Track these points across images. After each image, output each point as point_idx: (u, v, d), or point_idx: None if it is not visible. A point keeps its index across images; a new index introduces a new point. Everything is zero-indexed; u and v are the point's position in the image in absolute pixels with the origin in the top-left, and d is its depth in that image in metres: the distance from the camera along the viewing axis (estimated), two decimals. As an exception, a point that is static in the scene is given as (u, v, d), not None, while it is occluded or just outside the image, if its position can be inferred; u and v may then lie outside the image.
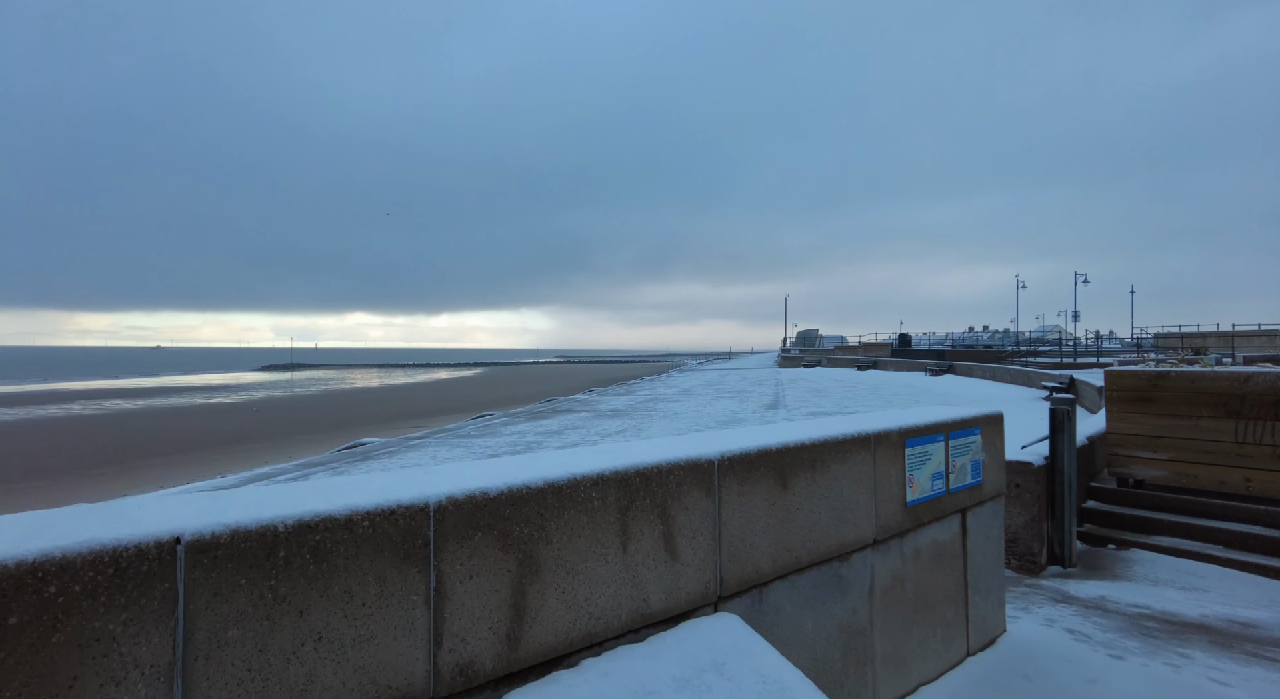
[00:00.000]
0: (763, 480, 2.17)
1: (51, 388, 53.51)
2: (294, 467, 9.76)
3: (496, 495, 1.54)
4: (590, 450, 2.02)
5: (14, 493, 13.35)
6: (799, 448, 2.30)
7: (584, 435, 12.33)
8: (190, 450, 20.01)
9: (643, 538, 1.82)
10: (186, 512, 1.25)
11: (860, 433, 2.57)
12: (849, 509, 2.50)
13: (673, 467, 1.91)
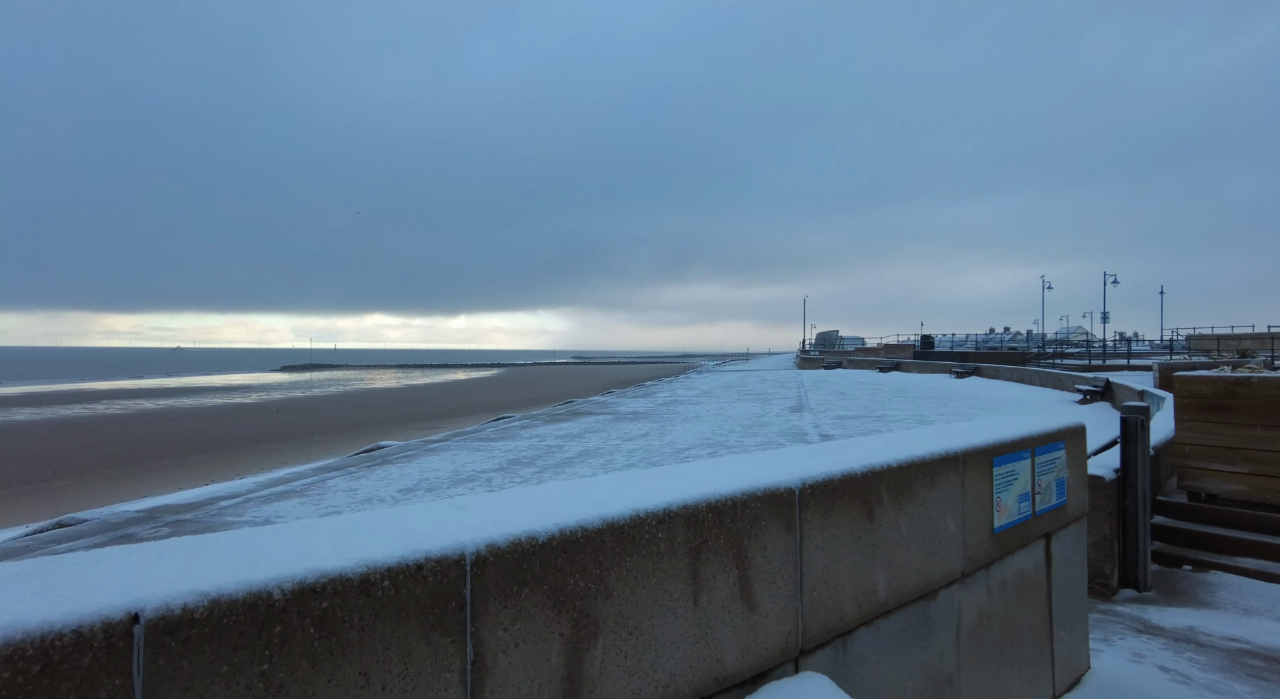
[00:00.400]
0: (847, 511, 1.86)
1: (77, 388, 54.21)
2: (312, 471, 9.56)
3: (547, 541, 1.24)
4: (649, 475, 1.72)
5: (35, 494, 13.31)
6: (885, 472, 1.98)
7: (605, 439, 12.04)
8: (210, 451, 19.98)
9: (716, 585, 1.52)
10: (156, 574, 0.96)
11: (948, 452, 2.24)
12: (937, 540, 2.18)
13: (749, 498, 1.60)
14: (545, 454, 10.47)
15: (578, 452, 10.62)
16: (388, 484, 8.33)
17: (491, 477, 8.66)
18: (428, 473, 9.04)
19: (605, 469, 9.03)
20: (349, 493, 7.88)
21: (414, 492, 7.84)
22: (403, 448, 11.67)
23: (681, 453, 10.29)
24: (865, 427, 13.27)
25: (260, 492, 8.02)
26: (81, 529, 6.28)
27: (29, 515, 10.82)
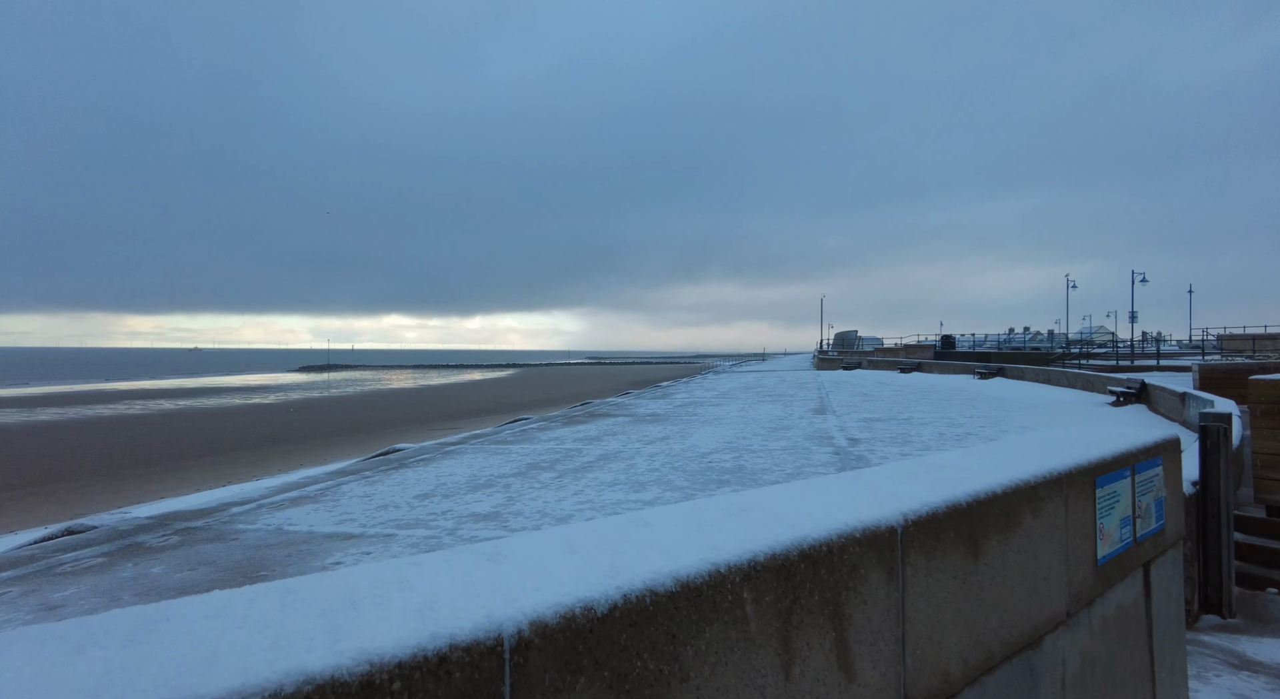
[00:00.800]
0: (952, 550, 1.54)
1: (100, 388, 54.78)
2: (327, 475, 9.35)
3: (608, 611, 0.94)
4: (717, 507, 1.41)
5: (54, 494, 13.24)
6: (990, 500, 1.66)
7: (625, 442, 11.75)
8: (228, 451, 19.93)
9: (810, 653, 1.21)
10: (66, 680, 0.67)
11: (1052, 473, 1.92)
12: (1041, 577, 1.86)
13: (846, 541, 1.29)
14: (564, 458, 10.19)
15: (598, 455, 10.34)
16: (404, 490, 8.09)
17: (510, 482, 8.40)
18: (444, 477, 8.80)
19: (627, 474, 8.74)
20: (364, 499, 7.65)
21: (431, 497, 7.59)
22: (419, 451, 11.45)
23: (705, 457, 9.98)
24: (893, 430, 12.88)
25: (273, 497, 7.81)
26: (90, 537, 6.08)
27: (46, 517, 10.69)
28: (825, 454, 10.17)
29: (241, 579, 4.85)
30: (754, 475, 8.53)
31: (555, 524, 6.27)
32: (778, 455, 10.07)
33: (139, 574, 4.98)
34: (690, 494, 7.46)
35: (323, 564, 5.17)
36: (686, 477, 8.49)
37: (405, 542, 5.82)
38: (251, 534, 6.10)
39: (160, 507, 8.48)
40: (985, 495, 1.65)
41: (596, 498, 7.36)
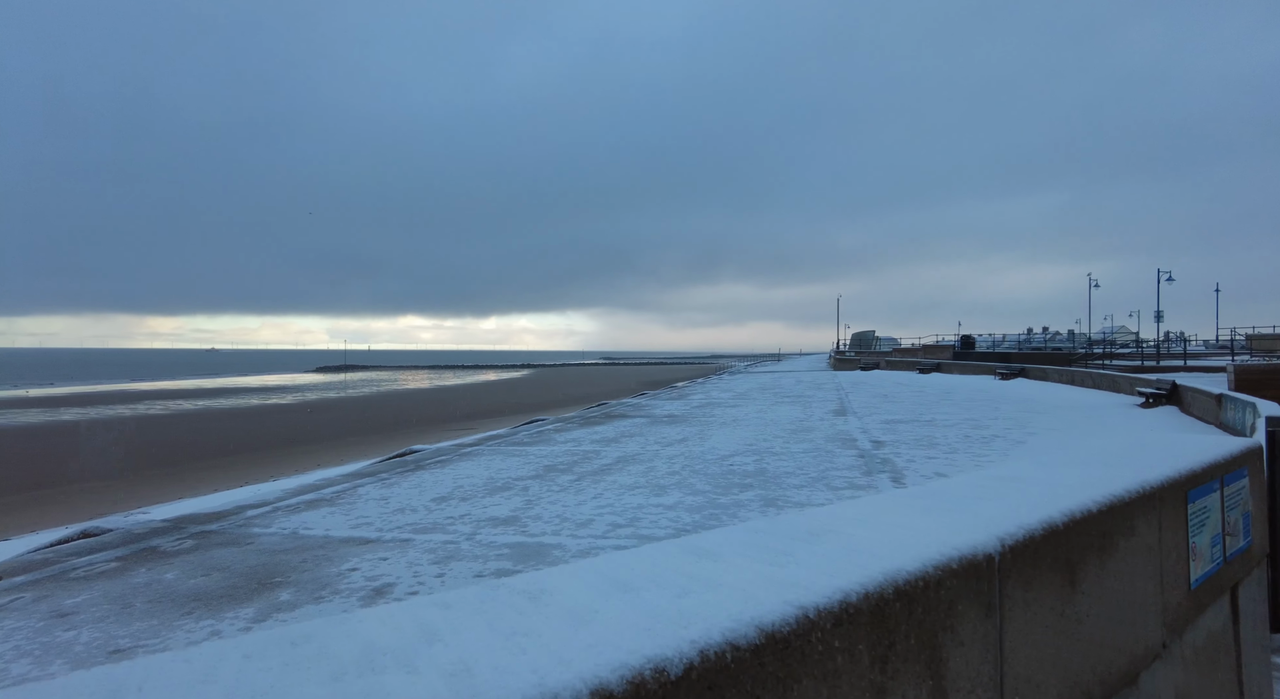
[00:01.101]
0: (1050, 578, 1.35)
1: (122, 388, 55.40)
2: (343, 476, 9.25)
3: (683, 673, 0.76)
4: (784, 529, 1.23)
5: (74, 494, 13.28)
6: (1086, 520, 1.46)
7: (643, 444, 11.57)
8: (246, 452, 19.97)
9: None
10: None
11: (1144, 487, 1.71)
12: (1136, 605, 1.66)
13: (942, 574, 1.10)
14: (582, 460, 10.03)
15: (616, 457, 10.17)
16: (420, 492, 7.96)
17: (528, 485, 8.24)
18: (461, 480, 8.66)
19: (646, 477, 8.56)
20: (380, 501, 7.53)
21: (448, 501, 7.45)
22: (436, 452, 11.33)
23: (725, 460, 9.77)
24: (916, 432, 12.60)
25: (289, 500, 7.70)
26: (105, 540, 5.99)
27: (67, 517, 10.68)
28: (849, 457, 9.93)
29: (255, 585, 4.72)
30: (777, 479, 8.32)
31: (576, 528, 6.10)
32: (800, 458, 9.84)
33: (152, 580, 4.87)
34: (712, 498, 7.27)
35: (338, 571, 5.03)
36: (708, 480, 8.29)
37: (423, 547, 5.67)
38: (267, 538, 5.98)
39: (176, 508, 8.42)
40: (1081, 514, 1.45)
41: (616, 502, 7.19)
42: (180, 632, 3.93)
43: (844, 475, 8.53)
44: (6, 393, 49.50)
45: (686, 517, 6.49)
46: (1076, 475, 1.80)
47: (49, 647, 3.77)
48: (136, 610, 4.27)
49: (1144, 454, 2.18)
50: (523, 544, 5.68)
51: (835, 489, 7.73)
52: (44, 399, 42.97)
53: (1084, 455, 2.16)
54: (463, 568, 5.07)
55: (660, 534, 5.89)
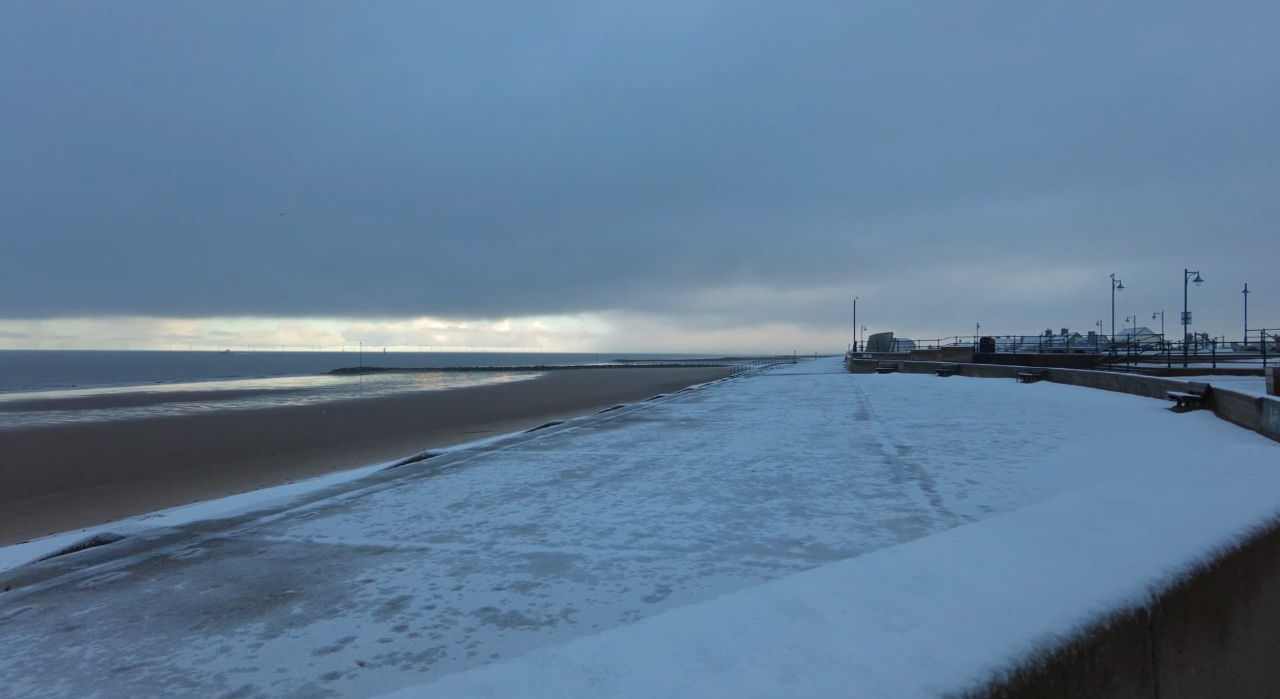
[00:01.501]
0: (1201, 632, 1.12)
1: (141, 390, 55.93)
2: (357, 481, 9.10)
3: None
4: (881, 568, 1.02)
5: (89, 497, 13.25)
6: (1232, 558, 1.23)
7: (661, 449, 11.35)
8: (261, 454, 19.93)
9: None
10: None
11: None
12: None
13: (1096, 638, 0.88)
14: (600, 465, 9.83)
15: (634, 463, 9.96)
16: (436, 499, 7.79)
17: (546, 491, 8.05)
18: (478, 485, 8.49)
19: (667, 483, 8.34)
20: (396, 508, 7.36)
21: (464, 508, 7.28)
22: (451, 456, 11.18)
23: (747, 465, 9.53)
24: (942, 437, 12.29)
25: (304, 506, 7.56)
26: (116, 548, 5.86)
27: (83, 519, 10.62)
28: (875, 463, 9.66)
29: (267, 598, 4.55)
30: (802, 486, 8.07)
31: (597, 538, 5.90)
32: (825, 464, 9.59)
33: (162, 591, 4.72)
34: (736, 506, 7.04)
35: (353, 582, 4.86)
36: (730, 487, 8.06)
37: (439, 557, 5.49)
38: (279, 547, 5.82)
39: (190, 513, 8.31)
40: (1225, 552, 1.22)
41: (638, 510, 6.98)
42: (189, 648, 3.77)
43: (872, 482, 8.27)
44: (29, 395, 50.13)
45: (711, 526, 6.26)
46: (1190, 498, 1.56)
47: (53, 664, 3.62)
48: (144, 624, 4.11)
49: (1248, 469, 1.94)
50: (542, 555, 5.48)
51: (864, 497, 7.47)
52: (64, 401, 43.43)
53: (1184, 471, 1.92)
54: (481, 580, 4.88)
55: (685, 545, 5.67)
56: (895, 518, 6.54)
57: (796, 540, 5.80)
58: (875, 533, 6.01)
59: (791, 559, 5.27)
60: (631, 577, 4.90)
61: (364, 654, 3.67)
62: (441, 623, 4.10)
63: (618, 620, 4.13)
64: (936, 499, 7.34)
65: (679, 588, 4.65)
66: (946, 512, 6.78)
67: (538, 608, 4.32)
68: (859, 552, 5.37)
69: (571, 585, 4.73)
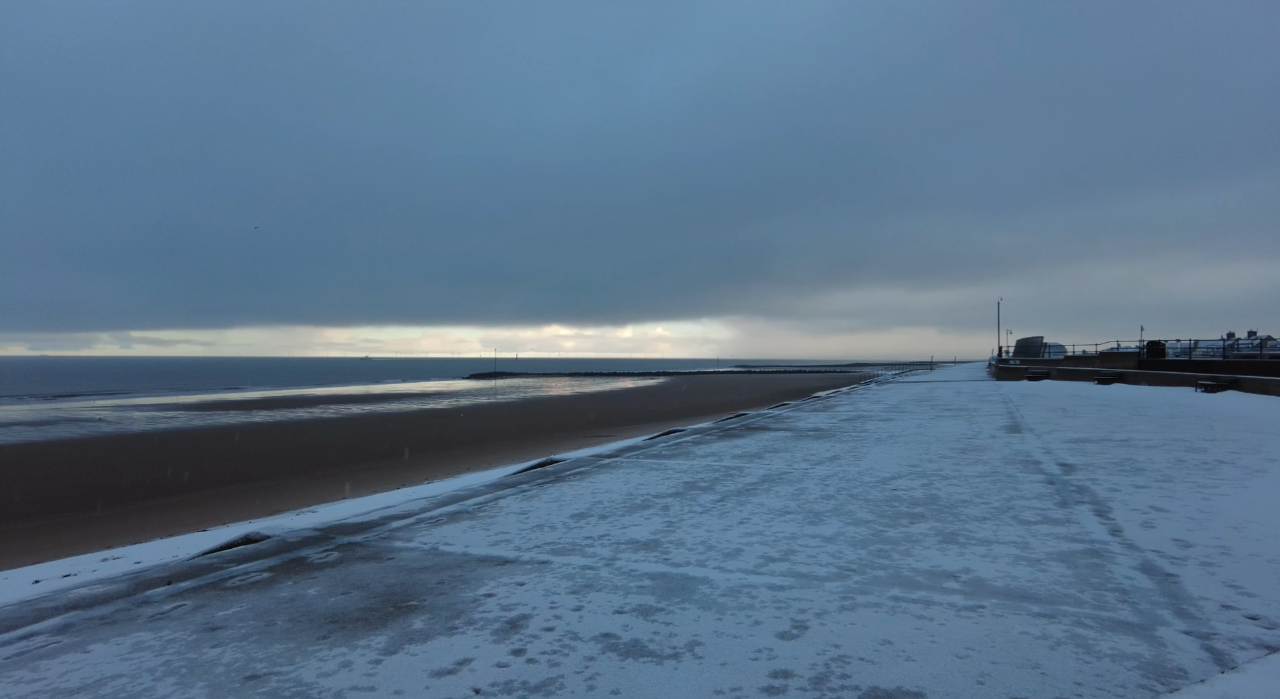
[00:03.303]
0: None
1: (299, 393, 61.42)
2: (485, 486, 9.23)
3: None
4: None
5: (251, 493, 14.43)
6: None
7: (789, 461, 10.76)
8: (400, 456, 21.05)
9: None
10: None
11: None
12: None
13: None
14: (724, 477, 9.42)
15: (761, 475, 9.46)
16: (560, 507, 7.69)
17: (668, 503, 7.75)
18: (600, 495, 8.33)
19: (797, 500, 7.79)
20: (520, 516, 7.32)
21: (586, 518, 7.11)
22: (575, 463, 11.15)
23: (887, 483, 8.78)
24: (1112, 455, 10.87)
25: (433, 511, 7.69)
26: (261, 548, 6.14)
27: (247, 513, 11.49)
28: (1035, 483, 8.61)
29: (391, 609, 4.52)
30: (952, 509, 7.27)
31: (723, 559, 5.50)
32: (976, 483, 8.65)
33: (296, 595, 4.82)
34: (878, 530, 6.40)
35: (474, 596, 4.75)
36: (869, 507, 7.40)
37: (560, 571, 5.31)
38: (407, 554, 5.87)
39: (332, 512, 8.69)
40: None
41: (766, 529, 6.51)
42: (314, 659, 3.75)
43: (1033, 506, 7.32)
44: (213, 397, 56.39)
45: (850, 552, 5.69)
46: None
47: (195, 665, 3.71)
48: (277, 630, 4.17)
49: None
50: (665, 575, 5.16)
51: (1026, 523, 6.59)
52: (239, 402, 48.42)
53: None
54: (602, 601, 4.63)
55: (821, 573, 5.15)
56: (1067, 550, 5.68)
57: (951, 573, 5.13)
58: (1045, 567, 5.22)
59: (948, 596, 4.64)
60: (763, 607, 4.47)
61: (480, 679, 3.50)
62: (560, 649, 3.87)
63: (749, 659, 3.73)
64: (1116, 529, 6.35)
65: (817, 624, 4.18)
66: (1131, 545, 5.82)
67: (661, 638, 4.00)
68: (1028, 590, 4.65)
69: (697, 613, 4.38)
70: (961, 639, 3.92)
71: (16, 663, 3.83)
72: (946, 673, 3.50)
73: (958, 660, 3.65)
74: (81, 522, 12.29)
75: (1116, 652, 3.72)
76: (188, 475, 17.11)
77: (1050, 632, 4.00)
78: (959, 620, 4.21)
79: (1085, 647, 3.79)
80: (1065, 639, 3.89)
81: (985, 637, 3.95)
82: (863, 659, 3.69)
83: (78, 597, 4.92)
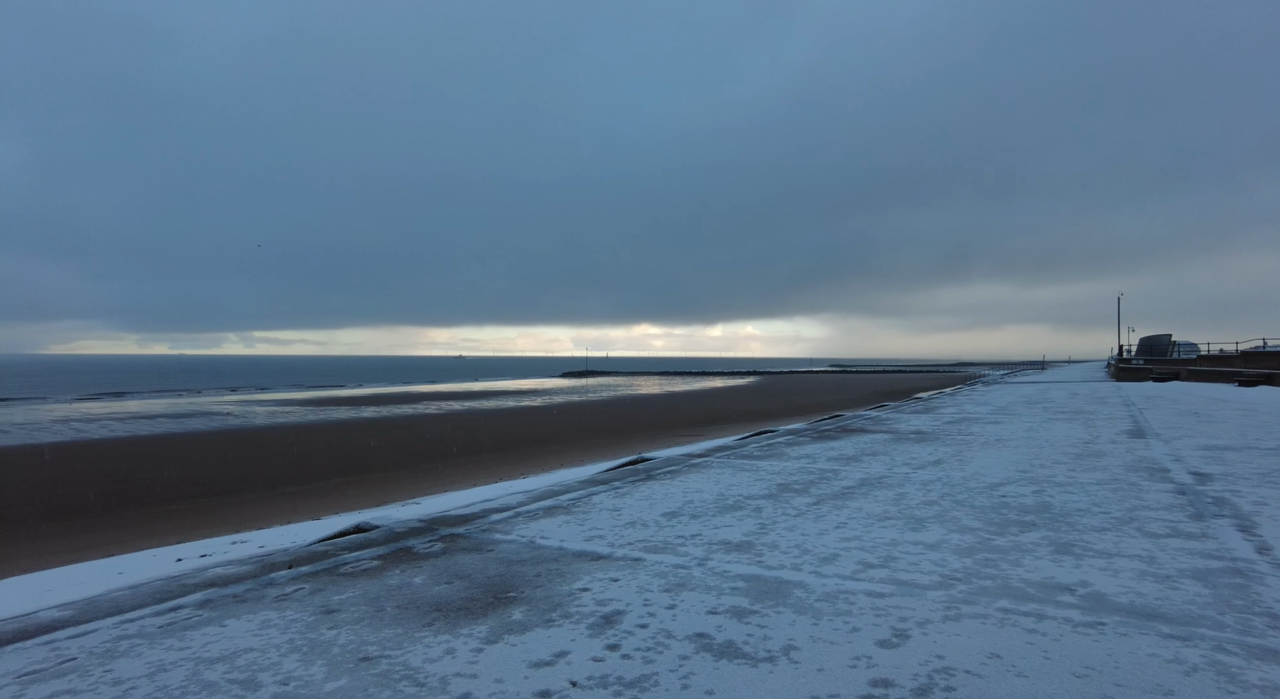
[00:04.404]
0: None
1: (405, 390, 64.59)
2: (578, 482, 9.40)
3: None
4: None
5: (367, 484, 15.31)
6: None
7: (889, 465, 10.38)
8: (498, 450, 21.76)
9: None
10: None
11: None
12: None
13: None
14: (819, 480, 9.20)
15: (858, 479, 9.18)
16: (651, 505, 7.74)
17: (761, 505, 7.65)
18: (691, 494, 8.32)
19: (897, 505, 7.52)
20: (613, 513, 7.42)
21: (678, 517, 7.12)
22: (665, 462, 11.18)
23: (995, 489, 8.33)
24: (1257, 464, 9.88)
25: (530, 505, 7.91)
26: (371, 537, 6.50)
27: (358, 503, 12.20)
28: (1163, 493, 7.94)
29: (491, 599, 4.69)
30: (1067, 518, 6.82)
31: (819, 564, 5.38)
32: (1094, 492, 8.07)
33: (403, 583, 5.07)
34: (985, 538, 6.08)
35: (569, 590, 4.86)
36: (975, 514, 7.04)
37: (653, 569, 5.34)
38: (506, 547, 6.07)
39: (436, 504, 9.09)
40: None
41: (864, 534, 6.31)
42: (420, 645, 3.94)
43: (1161, 518, 6.76)
44: (325, 393, 60.22)
45: (955, 560, 5.44)
46: None
47: (315, 645, 3.96)
48: (386, 616, 4.40)
49: None
50: (759, 577, 5.09)
51: (1153, 536, 6.09)
52: (349, 398, 51.47)
53: None
54: (695, 600, 4.63)
55: (924, 581, 4.95)
56: (1204, 567, 5.20)
57: (1066, 586, 4.80)
58: (1177, 585, 4.80)
59: (1062, 610, 4.35)
60: (861, 614, 4.34)
61: (576, 673, 3.57)
62: (655, 646, 3.90)
63: (846, 666, 3.63)
64: (1264, 546, 5.76)
65: (919, 633, 4.01)
66: (1282, 565, 5.26)
67: (755, 641, 3.95)
68: (1157, 609, 4.30)
69: (792, 617, 4.30)
70: (1079, 657, 3.67)
71: (167, 631, 4.23)
72: (1063, 692, 3.28)
73: (1076, 680, 3.41)
74: (212, 507, 13.41)
75: (1267, 682, 3.37)
76: (303, 467, 18.35)
77: (1185, 656, 3.68)
78: (1076, 637, 3.94)
79: (1228, 675, 3.46)
80: (1204, 665, 3.57)
81: (1107, 656, 3.68)
82: (969, 672, 3.51)
83: (214, 576, 5.38)
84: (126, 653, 3.92)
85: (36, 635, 4.22)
